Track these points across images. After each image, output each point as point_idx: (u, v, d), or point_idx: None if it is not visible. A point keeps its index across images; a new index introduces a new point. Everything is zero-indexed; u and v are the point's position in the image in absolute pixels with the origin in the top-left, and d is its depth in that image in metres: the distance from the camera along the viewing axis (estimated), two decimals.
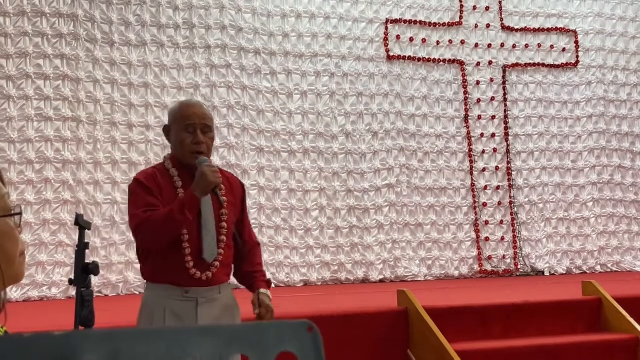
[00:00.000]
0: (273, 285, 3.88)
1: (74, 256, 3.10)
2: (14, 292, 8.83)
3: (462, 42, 11.67)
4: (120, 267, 9.60)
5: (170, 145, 3.83)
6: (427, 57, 11.47)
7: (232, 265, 3.79)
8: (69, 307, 3.23)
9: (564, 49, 12.11)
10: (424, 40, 11.47)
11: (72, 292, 8.07)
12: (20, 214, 1.63)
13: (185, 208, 3.48)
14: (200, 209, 3.60)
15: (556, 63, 12.06)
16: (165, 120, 10.07)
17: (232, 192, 3.79)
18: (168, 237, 3.52)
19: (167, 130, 3.82)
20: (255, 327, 0.99)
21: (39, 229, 9.31)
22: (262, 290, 3.71)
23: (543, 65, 12.00)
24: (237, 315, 3.76)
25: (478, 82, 11.66)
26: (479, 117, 11.59)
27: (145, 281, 3.74)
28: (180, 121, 3.70)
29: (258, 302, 3.65)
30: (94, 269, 3.00)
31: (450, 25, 11.64)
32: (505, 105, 11.72)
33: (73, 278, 3.00)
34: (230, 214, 3.73)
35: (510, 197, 11.55)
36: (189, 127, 3.67)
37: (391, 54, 11.26)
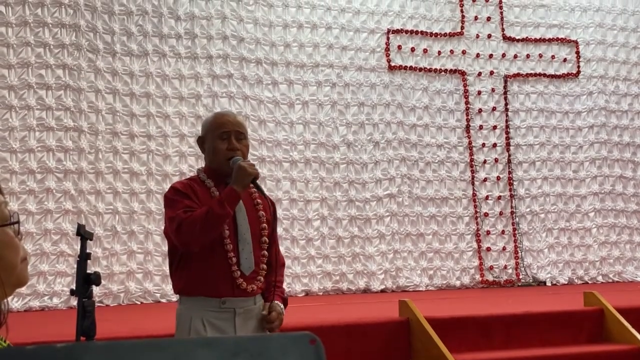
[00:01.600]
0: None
1: (75, 266, 3.09)
2: (15, 302, 8.81)
3: (464, 52, 11.68)
4: (121, 277, 9.59)
5: (204, 156, 3.81)
6: (428, 67, 11.48)
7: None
8: (70, 317, 3.23)
9: (565, 59, 12.13)
10: (425, 51, 11.49)
11: (74, 302, 8.07)
12: (18, 222, 1.63)
13: (225, 202, 3.45)
14: (236, 221, 3.59)
15: (557, 73, 12.07)
16: (168, 130, 10.13)
17: (265, 209, 3.78)
18: (210, 234, 3.47)
19: (201, 141, 3.80)
20: (258, 339, 0.99)
21: (40, 238, 9.31)
22: (276, 302, 3.70)
23: (544, 75, 12.01)
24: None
25: (479, 92, 11.67)
26: (481, 127, 11.60)
27: (177, 295, 3.67)
28: (214, 130, 3.69)
29: (270, 307, 3.64)
30: (96, 279, 2.99)
31: (452, 35, 11.66)
32: (507, 115, 11.73)
33: (74, 288, 2.99)
34: (269, 229, 3.73)
35: (511, 207, 11.55)
36: (223, 135, 3.66)
37: (393, 64, 11.27)
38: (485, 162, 11.56)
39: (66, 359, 0.95)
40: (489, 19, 11.86)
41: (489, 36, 11.84)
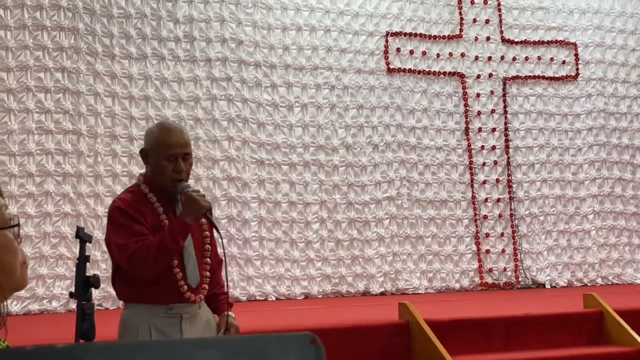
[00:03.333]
0: (237, 301, 3.90)
1: (74, 269, 3.09)
2: (14, 306, 8.81)
3: (462, 54, 11.68)
4: None
5: (146, 168, 3.80)
6: (427, 70, 11.48)
7: None
8: (69, 321, 3.23)
9: (563, 62, 12.13)
10: (424, 53, 11.49)
11: (73, 305, 8.05)
12: (18, 225, 1.63)
13: (178, 235, 3.48)
14: None
15: (556, 75, 12.07)
16: None
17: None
18: (162, 265, 3.52)
19: (144, 153, 3.77)
20: (259, 339, 0.99)
21: (39, 242, 9.30)
22: (228, 312, 3.78)
23: (543, 77, 12.01)
24: (215, 330, 3.82)
25: (478, 95, 11.67)
26: (480, 130, 11.60)
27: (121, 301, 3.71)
28: (161, 149, 3.66)
29: (225, 324, 3.72)
30: (95, 282, 2.99)
31: (451, 37, 11.66)
32: (506, 118, 11.73)
33: (74, 291, 3.00)
34: (211, 236, 3.79)
35: (510, 209, 11.54)
36: (171, 157, 3.64)
37: (391, 66, 11.27)
38: (484, 164, 11.56)
39: (66, 359, 0.94)
40: (487, 21, 11.86)
41: (488, 39, 11.85)
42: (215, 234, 3.79)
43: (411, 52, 11.43)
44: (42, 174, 9.47)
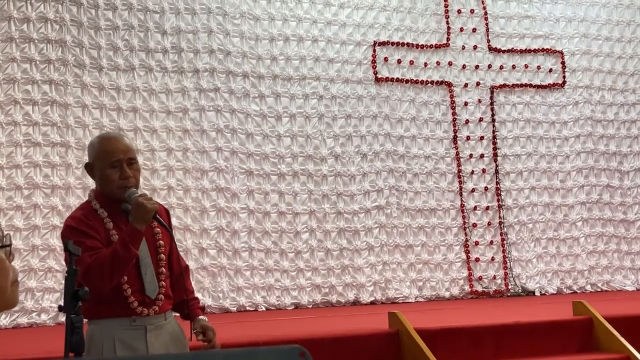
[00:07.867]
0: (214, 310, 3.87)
1: (63, 282, 3.08)
2: (2, 320, 8.77)
3: (450, 63, 11.72)
4: None
5: (95, 182, 3.79)
6: (415, 79, 11.50)
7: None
8: (58, 334, 3.21)
9: (550, 70, 12.18)
10: (411, 62, 11.52)
11: (62, 318, 8.02)
12: (10, 245, 1.62)
13: (129, 243, 3.45)
14: None
15: (543, 83, 12.12)
16: (155, 145, 10.11)
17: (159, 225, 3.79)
18: (118, 276, 3.49)
19: (89, 167, 3.78)
20: (249, 353, 0.99)
21: (28, 255, 9.26)
22: (200, 317, 3.76)
23: (530, 85, 12.05)
24: (185, 343, 3.80)
25: (466, 103, 11.70)
26: (468, 138, 11.62)
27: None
28: (104, 158, 3.68)
29: (201, 327, 3.70)
30: (84, 294, 2.98)
31: (438, 47, 11.70)
32: (494, 126, 11.76)
33: (63, 304, 2.99)
34: (166, 244, 3.75)
35: (499, 217, 11.56)
36: (114, 163, 3.64)
37: (379, 76, 11.30)
38: (472, 172, 11.58)
39: None
40: (474, 30, 11.90)
41: (475, 47, 11.89)
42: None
43: (399, 61, 11.46)
44: (30, 186, 9.43)
